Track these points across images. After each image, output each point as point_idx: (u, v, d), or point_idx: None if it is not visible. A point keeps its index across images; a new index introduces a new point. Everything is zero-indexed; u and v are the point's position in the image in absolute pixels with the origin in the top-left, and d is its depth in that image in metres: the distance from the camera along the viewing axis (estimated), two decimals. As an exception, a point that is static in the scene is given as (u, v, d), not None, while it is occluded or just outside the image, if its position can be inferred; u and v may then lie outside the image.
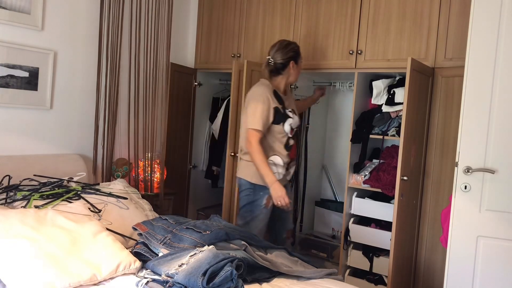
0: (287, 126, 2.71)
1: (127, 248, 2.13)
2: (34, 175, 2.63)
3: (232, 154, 3.06)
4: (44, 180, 2.60)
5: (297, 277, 2.08)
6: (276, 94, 2.72)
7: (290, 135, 2.75)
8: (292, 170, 2.85)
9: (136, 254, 2.09)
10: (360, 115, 3.12)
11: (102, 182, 3.08)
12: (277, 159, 2.71)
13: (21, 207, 2.27)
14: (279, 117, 2.68)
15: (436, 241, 2.81)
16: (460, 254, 2.22)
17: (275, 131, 2.69)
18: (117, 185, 2.79)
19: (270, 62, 2.72)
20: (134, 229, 2.22)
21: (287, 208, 2.67)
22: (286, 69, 2.73)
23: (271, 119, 2.65)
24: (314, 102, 3.44)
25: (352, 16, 3.08)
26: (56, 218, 2.08)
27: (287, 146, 2.74)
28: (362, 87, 3.13)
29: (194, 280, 1.74)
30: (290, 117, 2.73)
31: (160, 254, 2.05)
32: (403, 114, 2.56)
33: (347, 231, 3.07)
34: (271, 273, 2.06)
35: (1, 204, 2.31)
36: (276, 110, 2.67)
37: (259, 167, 2.59)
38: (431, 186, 2.87)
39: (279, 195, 2.58)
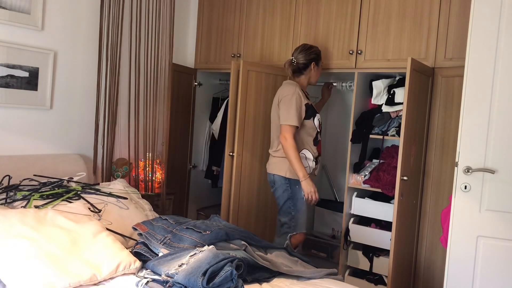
0: (316, 121, 2.89)
1: (127, 248, 2.13)
2: (34, 175, 2.63)
3: (230, 154, 3.06)
4: (44, 180, 2.60)
5: (297, 277, 2.08)
6: (303, 91, 2.89)
7: (319, 130, 2.92)
8: (319, 166, 2.98)
9: (136, 254, 2.09)
10: (360, 115, 3.12)
11: (102, 182, 3.08)
12: (308, 153, 2.87)
13: (21, 207, 2.27)
14: (310, 112, 2.86)
15: (436, 241, 2.81)
16: (460, 254, 2.22)
17: (307, 126, 2.85)
18: (117, 185, 2.79)
19: (293, 62, 2.91)
20: (134, 229, 2.22)
21: (314, 204, 2.86)
22: (307, 69, 2.92)
23: (303, 114, 2.82)
24: (324, 104, 3.48)
25: (352, 16, 3.08)
26: (56, 218, 2.08)
27: (315, 141, 2.90)
28: (362, 87, 3.13)
29: (194, 280, 1.74)
30: (318, 113, 2.94)
31: (160, 254, 2.05)
32: (403, 114, 2.56)
33: (347, 231, 3.07)
34: (271, 273, 2.06)
35: (1, 204, 2.31)
36: (307, 106, 2.84)
37: (293, 162, 2.74)
38: (431, 186, 2.87)
39: (311, 190, 2.76)
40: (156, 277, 1.89)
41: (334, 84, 3.42)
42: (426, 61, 2.80)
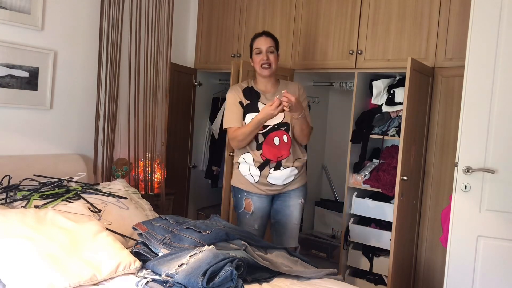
0: (248, 120, 2.55)
1: (127, 248, 2.12)
2: (34, 175, 2.63)
3: (231, 153, 3.05)
4: (44, 180, 2.60)
5: (297, 277, 2.07)
6: (249, 90, 2.63)
7: (259, 131, 2.54)
8: (278, 174, 2.54)
9: (136, 254, 2.09)
10: (360, 115, 3.12)
11: (102, 182, 3.08)
12: (248, 157, 2.57)
13: (21, 207, 2.27)
14: (245, 111, 2.57)
15: (436, 241, 2.81)
16: (460, 254, 2.22)
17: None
18: (117, 185, 2.79)
19: None
20: (134, 229, 2.22)
21: (288, 106, 2.31)
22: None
23: (241, 113, 2.57)
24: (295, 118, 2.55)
25: (352, 16, 3.08)
26: (56, 218, 2.08)
27: (257, 144, 2.55)
28: (362, 87, 3.13)
29: (194, 280, 1.73)
30: (255, 112, 2.53)
31: (160, 254, 2.04)
32: (403, 114, 2.56)
33: (347, 231, 3.07)
34: (271, 273, 2.06)
35: (1, 204, 2.31)
36: (241, 104, 2.58)
37: (250, 128, 2.44)
38: (431, 186, 2.87)
39: (267, 110, 2.35)
40: (156, 277, 1.89)
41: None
42: (426, 61, 2.80)
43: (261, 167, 2.55)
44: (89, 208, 2.36)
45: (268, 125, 2.54)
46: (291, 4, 3.36)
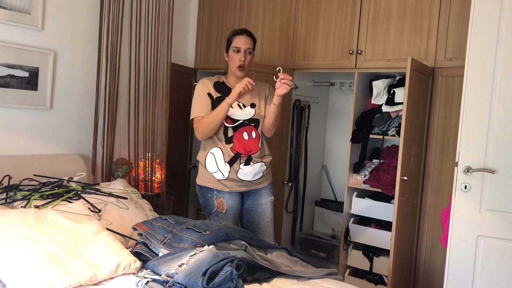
0: None
1: (127, 248, 2.12)
2: (34, 175, 2.63)
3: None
4: (44, 180, 2.60)
5: (297, 277, 2.08)
6: (220, 85, 2.62)
7: (227, 124, 2.53)
8: (248, 169, 2.54)
9: (136, 254, 2.09)
10: (360, 115, 3.12)
11: (102, 182, 3.08)
12: (218, 152, 2.53)
13: (21, 207, 2.27)
14: (214, 103, 2.55)
15: (436, 241, 2.81)
16: (460, 254, 2.22)
17: None
18: (117, 185, 2.79)
19: None
20: (134, 229, 2.22)
21: (247, 88, 2.38)
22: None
23: (208, 104, 2.54)
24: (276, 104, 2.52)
25: (352, 16, 3.08)
26: (56, 218, 2.08)
27: (226, 138, 2.54)
28: (362, 87, 3.13)
29: (194, 280, 1.74)
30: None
31: (160, 254, 2.05)
32: (403, 114, 2.56)
33: (347, 231, 3.07)
34: (271, 273, 2.06)
35: (1, 204, 2.31)
36: (209, 95, 2.56)
37: (215, 115, 2.44)
38: (431, 186, 2.87)
39: (237, 89, 2.38)
40: (156, 277, 1.89)
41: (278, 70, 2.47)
42: (426, 61, 2.80)
43: (231, 162, 2.52)
44: (89, 208, 2.36)
45: (238, 120, 2.55)
46: (291, 4, 3.36)
